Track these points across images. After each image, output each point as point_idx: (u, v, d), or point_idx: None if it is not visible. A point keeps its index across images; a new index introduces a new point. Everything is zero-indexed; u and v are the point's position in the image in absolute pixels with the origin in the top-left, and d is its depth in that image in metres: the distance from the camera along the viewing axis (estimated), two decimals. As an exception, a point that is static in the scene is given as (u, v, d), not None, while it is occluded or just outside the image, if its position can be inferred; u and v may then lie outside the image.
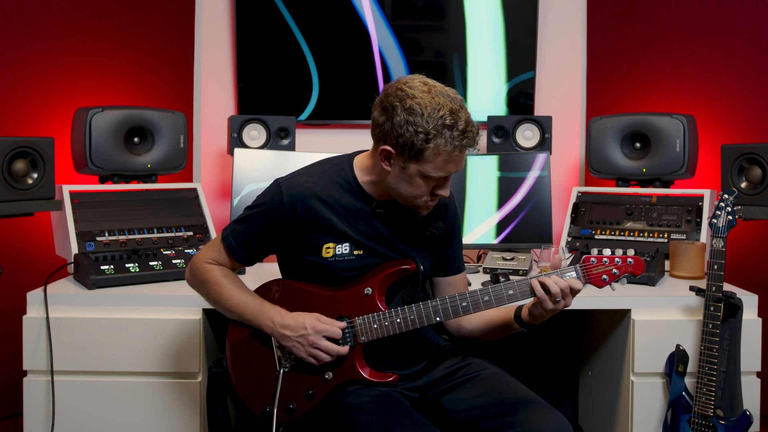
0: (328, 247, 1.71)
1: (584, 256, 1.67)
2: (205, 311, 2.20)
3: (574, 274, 1.66)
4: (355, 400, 1.65)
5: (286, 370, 1.71)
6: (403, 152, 1.58)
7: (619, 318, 2.33)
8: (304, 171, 1.75)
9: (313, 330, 1.66)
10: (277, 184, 1.72)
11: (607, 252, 1.66)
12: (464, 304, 1.67)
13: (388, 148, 1.60)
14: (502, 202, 2.75)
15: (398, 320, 1.68)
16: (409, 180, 1.63)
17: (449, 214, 1.85)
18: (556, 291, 1.61)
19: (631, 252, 1.71)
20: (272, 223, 1.70)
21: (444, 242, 1.85)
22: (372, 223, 1.73)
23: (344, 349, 1.67)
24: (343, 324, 1.69)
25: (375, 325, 1.68)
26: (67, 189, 2.53)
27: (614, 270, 1.65)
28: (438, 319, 1.67)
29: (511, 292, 1.66)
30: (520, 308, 1.73)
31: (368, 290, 1.71)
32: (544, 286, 1.62)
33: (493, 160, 2.78)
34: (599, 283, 1.66)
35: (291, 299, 1.74)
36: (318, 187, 1.70)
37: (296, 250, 1.73)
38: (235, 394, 1.77)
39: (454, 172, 1.63)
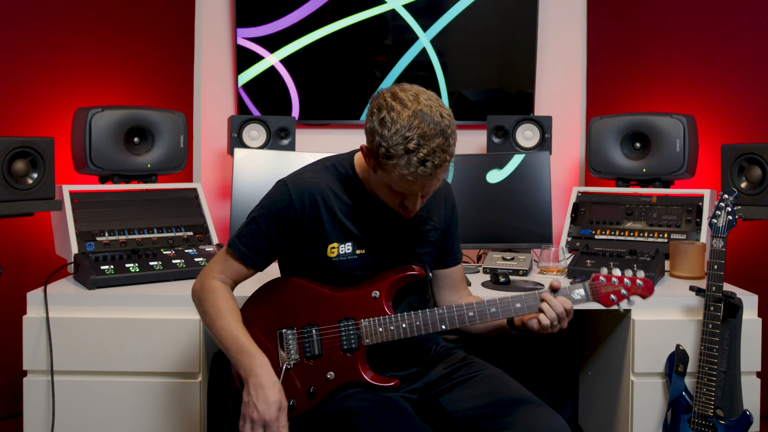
0: (333, 247, 1.71)
1: (593, 274, 1.67)
2: (205, 311, 2.20)
3: (582, 292, 1.66)
4: (357, 404, 1.65)
5: (289, 367, 1.71)
6: (371, 156, 1.59)
7: (619, 318, 2.33)
8: (307, 168, 1.75)
9: (264, 418, 1.56)
10: (283, 183, 1.71)
11: (616, 272, 1.66)
12: (471, 314, 1.67)
13: (365, 146, 1.61)
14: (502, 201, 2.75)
15: (404, 325, 1.68)
16: (378, 184, 1.64)
17: (448, 207, 1.85)
18: (559, 312, 1.63)
19: (635, 271, 1.69)
20: (282, 223, 1.69)
21: (443, 235, 1.85)
22: (374, 219, 1.73)
23: None
24: None
25: (380, 329, 1.68)
26: (67, 189, 2.53)
27: (623, 290, 1.65)
28: (443, 327, 1.67)
29: (518, 305, 1.66)
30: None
31: (376, 293, 1.70)
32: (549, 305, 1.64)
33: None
34: (607, 303, 1.66)
35: (297, 298, 1.73)
36: (323, 183, 1.70)
37: (301, 248, 1.73)
38: (236, 392, 1.76)
39: (422, 193, 1.61)
